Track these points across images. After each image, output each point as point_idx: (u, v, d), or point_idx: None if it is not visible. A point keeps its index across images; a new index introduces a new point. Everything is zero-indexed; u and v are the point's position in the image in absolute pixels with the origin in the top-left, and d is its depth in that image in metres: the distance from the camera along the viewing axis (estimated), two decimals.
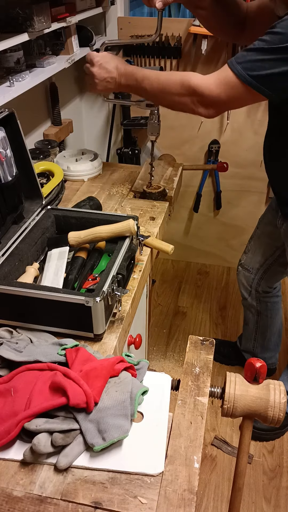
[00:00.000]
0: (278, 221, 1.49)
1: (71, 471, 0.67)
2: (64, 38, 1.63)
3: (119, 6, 2.03)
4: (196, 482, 0.65)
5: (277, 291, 1.77)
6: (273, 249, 1.62)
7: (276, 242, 1.58)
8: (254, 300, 1.78)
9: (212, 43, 1.96)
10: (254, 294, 1.76)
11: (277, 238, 1.55)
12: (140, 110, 2.11)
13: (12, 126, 1.09)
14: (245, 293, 1.79)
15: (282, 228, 1.45)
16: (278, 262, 1.63)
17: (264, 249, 1.65)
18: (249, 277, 1.74)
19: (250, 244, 1.72)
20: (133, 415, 0.71)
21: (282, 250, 1.58)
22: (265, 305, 1.77)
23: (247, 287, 1.76)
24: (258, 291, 1.74)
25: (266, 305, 1.77)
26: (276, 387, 0.77)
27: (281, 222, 1.46)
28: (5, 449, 0.69)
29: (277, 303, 1.79)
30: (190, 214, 2.54)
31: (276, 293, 1.77)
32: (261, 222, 1.65)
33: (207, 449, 1.69)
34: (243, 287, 1.79)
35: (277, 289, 1.76)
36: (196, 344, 0.87)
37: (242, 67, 1.04)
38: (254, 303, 1.78)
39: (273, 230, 1.55)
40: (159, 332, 2.22)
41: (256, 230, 1.68)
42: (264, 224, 1.63)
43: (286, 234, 1.44)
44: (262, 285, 1.72)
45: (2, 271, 0.96)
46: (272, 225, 1.54)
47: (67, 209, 1.20)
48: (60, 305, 0.87)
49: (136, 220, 1.10)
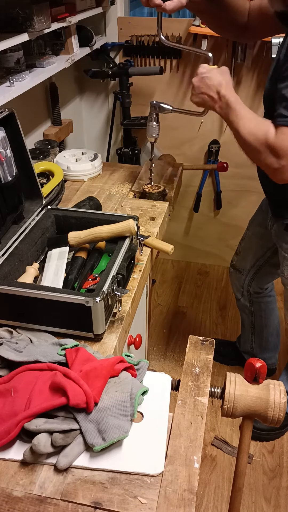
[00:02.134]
0: (268, 222, 1.48)
1: (71, 471, 0.67)
2: (64, 38, 1.63)
3: (119, 6, 2.03)
4: (196, 482, 0.65)
5: (269, 292, 1.77)
6: (263, 250, 1.62)
7: (267, 243, 1.58)
8: (246, 301, 1.78)
9: (212, 43, 1.96)
10: (246, 295, 1.76)
11: (268, 239, 1.55)
12: (140, 110, 2.13)
13: (12, 126, 1.09)
14: (238, 294, 1.80)
15: (273, 229, 1.45)
16: (269, 263, 1.63)
17: (255, 250, 1.65)
18: (241, 278, 1.74)
19: (241, 245, 1.72)
20: (133, 415, 0.71)
21: (272, 251, 1.59)
22: (258, 306, 1.78)
23: (239, 288, 1.77)
24: (250, 292, 1.75)
25: (259, 305, 1.77)
26: (276, 387, 0.76)
27: (272, 223, 1.45)
28: (5, 449, 0.69)
29: (270, 303, 1.79)
30: (190, 214, 2.54)
31: (268, 293, 1.77)
32: (252, 224, 1.65)
33: (207, 449, 1.69)
34: (236, 288, 1.80)
35: (268, 289, 1.77)
36: (196, 344, 0.87)
37: None
38: (247, 303, 1.79)
39: (263, 231, 1.55)
40: (159, 332, 2.21)
41: (247, 232, 1.68)
42: (255, 225, 1.63)
43: (277, 235, 1.43)
44: (253, 286, 1.72)
45: (2, 271, 0.96)
46: (262, 226, 1.55)
47: (67, 209, 1.20)
48: (60, 305, 0.87)
49: (136, 220, 1.10)
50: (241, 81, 2.04)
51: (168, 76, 2.11)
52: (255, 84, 2.03)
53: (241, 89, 2.05)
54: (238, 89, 2.05)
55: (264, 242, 1.59)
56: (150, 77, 2.04)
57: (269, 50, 1.84)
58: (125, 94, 1.98)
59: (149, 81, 2.11)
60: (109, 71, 1.97)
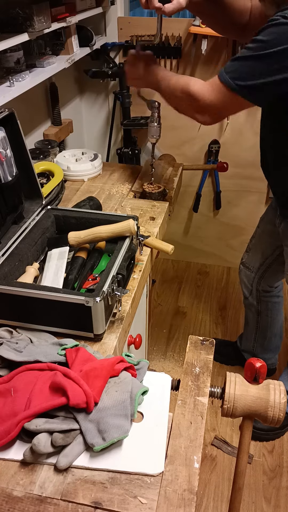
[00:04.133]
0: (276, 220, 1.49)
1: (71, 471, 0.67)
2: (64, 38, 1.63)
3: (119, 6, 2.03)
4: (196, 482, 0.65)
5: (278, 291, 1.77)
6: (272, 248, 1.62)
7: (276, 241, 1.58)
8: (254, 299, 1.78)
9: (212, 43, 1.96)
10: (254, 293, 1.76)
11: (277, 237, 1.55)
12: (140, 110, 2.13)
13: (12, 126, 1.09)
14: (246, 291, 1.80)
15: (280, 227, 1.46)
16: (278, 261, 1.63)
17: (264, 247, 1.65)
18: (250, 276, 1.74)
19: (251, 242, 1.73)
20: (133, 415, 0.71)
21: (281, 250, 1.58)
22: (266, 305, 1.77)
23: (248, 285, 1.77)
24: (259, 290, 1.74)
25: (267, 304, 1.77)
26: (276, 387, 0.76)
27: (279, 222, 1.46)
28: (5, 449, 0.69)
29: (278, 304, 1.79)
30: (190, 214, 2.54)
31: (277, 293, 1.77)
32: (262, 221, 1.66)
33: (207, 449, 1.69)
34: (244, 286, 1.80)
35: (278, 288, 1.76)
36: (196, 344, 0.87)
37: (230, 76, 1.07)
38: (255, 302, 1.78)
39: (273, 229, 1.55)
40: (159, 332, 2.21)
41: (257, 229, 1.69)
42: (265, 222, 1.63)
43: (284, 233, 1.44)
44: (262, 284, 1.72)
45: (2, 271, 0.96)
46: (272, 224, 1.55)
47: (67, 209, 1.20)
48: (60, 305, 0.87)
49: (136, 220, 1.10)
50: None
51: None
52: None
53: None
54: None
55: (273, 240, 1.59)
56: None
57: None
58: (125, 94, 1.98)
59: None
60: (109, 71, 1.97)
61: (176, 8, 1.14)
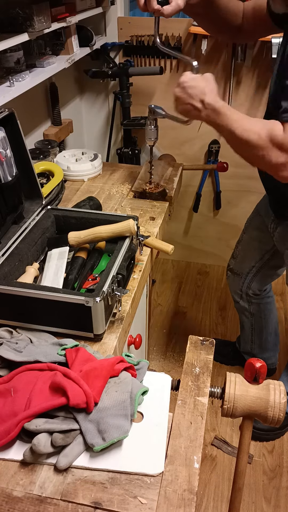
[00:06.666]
0: (270, 225, 1.47)
1: (71, 471, 0.67)
2: (64, 38, 1.63)
3: (119, 6, 2.03)
4: (196, 482, 0.65)
5: (268, 292, 1.77)
6: (262, 253, 1.61)
7: (265, 246, 1.57)
8: (246, 303, 1.78)
9: (212, 43, 1.96)
10: (245, 297, 1.76)
11: (266, 242, 1.54)
12: (140, 110, 2.13)
13: (12, 126, 1.09)
14: (236, 296, 1.80)
15: (276, 231, 1.43)
16: (268, 265, 1.63)
17: (253, 253, 1.64)
18: (239, 281, 1.74)
19: (237, 249, 1.72)
20: (133, 415, 0.71)
21: (271, 254, 1.58)
22: (258, 307, 1.78)
23: (238, 291, 1.77)
24: (249, 294, 1.75)
25: (259, 306, 1.78)
26: (276, 387, 0.76)
27: (274, 226, 1.44)
28: (5, 449, 0.69)
29: (269, 304, 1.80)
30: (190, 214, 2.54)
31: (267, 294, 1.77)
32: (249, 227, 1.65)
33: (207, 449, 1.69)
34: (234, 291, 1.80)
35: (267, 290, 1.77)
36: (196, 344, 0.87)
37: None
38: (246, 305, 1.79)
39: (261, 234, 1.55)
40: (159, 332, 2.22)
41: (243, 235, 1.68)
42: (252, 229, 1.62)
43: (282, 238, 1.42)
44: (252, 288, 1.72)
45: (2, 271, 0.96)
46: (260, 229, 1.54)
47: (67, 209, 1.20)
48: (60, 305, 0.87)
49: (136, 220, 1.10)
50: (241, 81, 2.04)
51: (168, 76, 2.11)
52: (255, 84, 2.03)
53: (241, 89, 2.05)
54: (238, 89, 2.05)
55: (262, 245, 1.59)
56: (150, 77, 2.04)
57: (269, 50, 1.84)
58: (125, 94, 1.98)
59: (149, 81, 2.11)
60: (109, 71, 1.97)
61: (175, 9, 1.13)
